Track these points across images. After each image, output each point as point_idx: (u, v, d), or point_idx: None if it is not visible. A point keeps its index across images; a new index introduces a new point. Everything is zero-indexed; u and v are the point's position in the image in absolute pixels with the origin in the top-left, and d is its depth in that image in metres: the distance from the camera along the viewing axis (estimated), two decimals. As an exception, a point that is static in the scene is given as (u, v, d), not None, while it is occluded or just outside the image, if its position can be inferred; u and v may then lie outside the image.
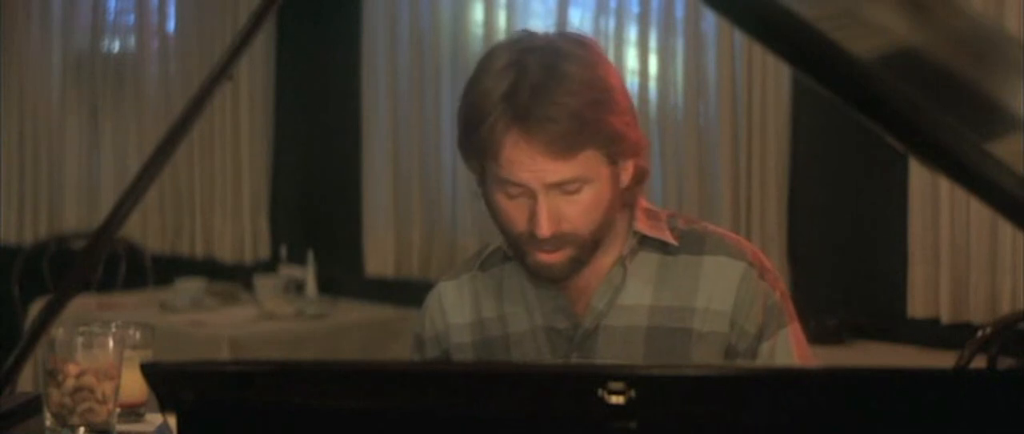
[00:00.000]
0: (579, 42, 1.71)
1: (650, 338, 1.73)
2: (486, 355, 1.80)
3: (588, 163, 1.66)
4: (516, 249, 1.75)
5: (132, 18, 5.64)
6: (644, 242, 1.76)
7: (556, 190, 1.66)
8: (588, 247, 1.71)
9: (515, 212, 1.70)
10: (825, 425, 0.97)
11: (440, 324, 1.85)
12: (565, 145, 1.63)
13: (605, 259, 1.76)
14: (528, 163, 1.65)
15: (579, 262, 1.72)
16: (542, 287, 1.78)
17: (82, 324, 1.87)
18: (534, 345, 1.78)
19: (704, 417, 0.97)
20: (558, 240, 1.69)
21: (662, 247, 1.76)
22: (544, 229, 1.66)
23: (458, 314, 1.84)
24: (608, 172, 1.69)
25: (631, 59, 4.16)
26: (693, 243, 1.76)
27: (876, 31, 0.89)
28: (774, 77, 3.90)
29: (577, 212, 1.68)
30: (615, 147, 1.68)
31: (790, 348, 1.76)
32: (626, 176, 1.73)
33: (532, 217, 1.67)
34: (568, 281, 1.76)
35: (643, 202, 1.79)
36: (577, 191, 1.67)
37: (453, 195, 4.72)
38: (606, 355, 1.74)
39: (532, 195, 1.67)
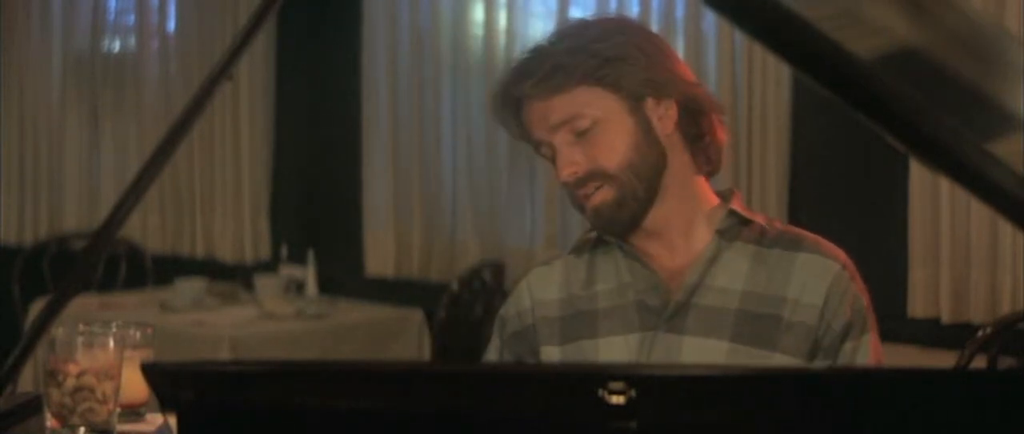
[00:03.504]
0: (590, 22, 1.88)
1: (738, 321, 1.74)
2: (573, 328, 1.82)
3: (589, 99, 1.74)
4: (581, 213, 1.81)
5: (132, 18, 5.64)
6: (740, 224, 1.79)
7: (567, 134, 1.75)
8: (630, 185, 1.75)
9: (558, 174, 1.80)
10: (825, 425, 0.97)
11: (526, 302, 1.86)
12: (552, 86, 1.75)
13: (698, 243, 1.79)
14: (536, 120, 1.78)
15: (630, 204, 1.75)
16: (636, 266, 1.80)
17: (82, 324, 1.87)
18: (623, 320, 1.79)
19: (704, 417, 0.97)
20: (586, 180, 1.75)
21: (758, 239, 1.78)
22: (562, 173, 1.76)
23: (546, 292, 1.86)
24: (626, 109, 1.75)
25: (631, 59, 4.16)
26: (788, 241, 1.79)
27: (876, 31, 0.89)
28: (774, 77, 3.90)
29: (597, 151, 1.75)
30: (621, 82, 1.74)
31: (869, 355, 1.77)
32: (668, 121, 1.77)
33: (558, 170, 1.78)
34: (660, 259, 1.78)
35: (739, 200, 1.83)
36: (590, 132, 1.75)
37: (453, 195, 4.72)
38: (694, 333, 1.74)
39: (553, 149, 1.77)
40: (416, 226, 4.79)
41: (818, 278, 1.75)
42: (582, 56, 1.75)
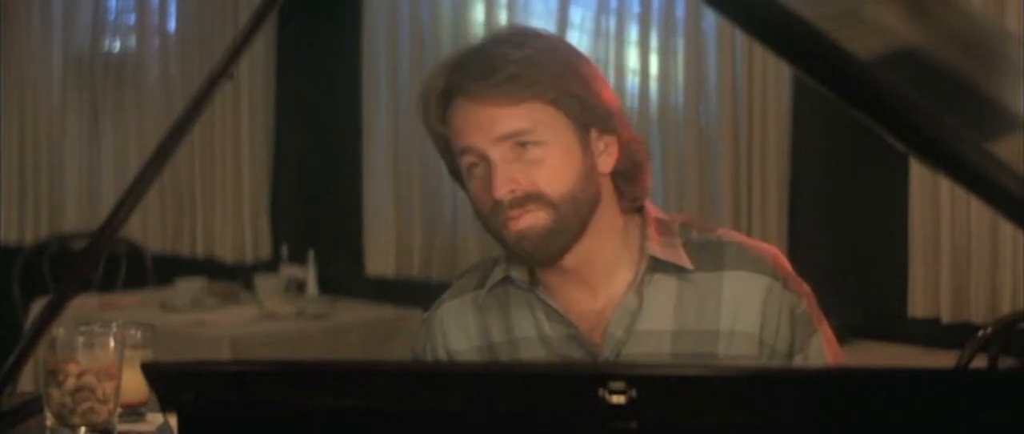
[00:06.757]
0: (534, 32, 1.69)
1: None
2: None
3: (539, 118, 1.60)
4: (498, 238, 1.67)
5: (133, 18, 5.64)
6: (658, 264, 1.67)
7: (509, 148, 1.61)
8: (567, 218, 1.62)
9: (481, 192, 1.65)
10: (825, 425, 0.97)
11: (441, 351, 1.77)
12: (503, 93, 1.60)
13: (618, 283, 1.68)
14: (474, 122, 1.62)
15: (560, 238, 1.62)
16: (553, 318, 1.69)
17: (83, 324, 1.87)
18: None
19: (704, 417, 0.97)
20: (523, 201, 1.61)
21: (678, 268, 1.67)
22: (499, 189, 1.60)
23: (462, 340, 1.76)
24: (575, 138, 1.62)
25: (632, 59, 4.17)
26: (711, 257, 1.67)
27: (877, 31, 0.89)
28: (774, 77, 3.90)
29: (539, 174, 1.61)
30: (574, 106, 1.62)
31: (823, 353, 1.70)
32: (609, 158, 1.66)
33: (493, 186, 1.62)
34: (579, 304, 1.68)
35: (653, 211, 1.72)
36: (536, 152, 1.60)
37: (453, 195, 4.71)
38: None
39: (488, 161, 1.62)
40: (416, 226, 4.79)
41: (749, 301, 1.65)
42: (538, 71, 1.61)
